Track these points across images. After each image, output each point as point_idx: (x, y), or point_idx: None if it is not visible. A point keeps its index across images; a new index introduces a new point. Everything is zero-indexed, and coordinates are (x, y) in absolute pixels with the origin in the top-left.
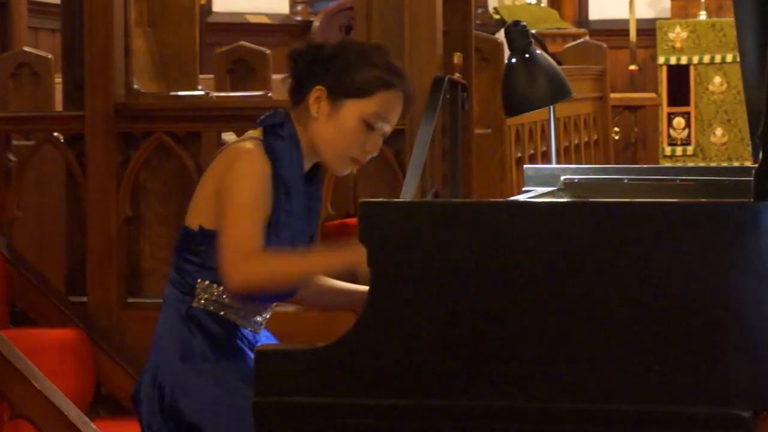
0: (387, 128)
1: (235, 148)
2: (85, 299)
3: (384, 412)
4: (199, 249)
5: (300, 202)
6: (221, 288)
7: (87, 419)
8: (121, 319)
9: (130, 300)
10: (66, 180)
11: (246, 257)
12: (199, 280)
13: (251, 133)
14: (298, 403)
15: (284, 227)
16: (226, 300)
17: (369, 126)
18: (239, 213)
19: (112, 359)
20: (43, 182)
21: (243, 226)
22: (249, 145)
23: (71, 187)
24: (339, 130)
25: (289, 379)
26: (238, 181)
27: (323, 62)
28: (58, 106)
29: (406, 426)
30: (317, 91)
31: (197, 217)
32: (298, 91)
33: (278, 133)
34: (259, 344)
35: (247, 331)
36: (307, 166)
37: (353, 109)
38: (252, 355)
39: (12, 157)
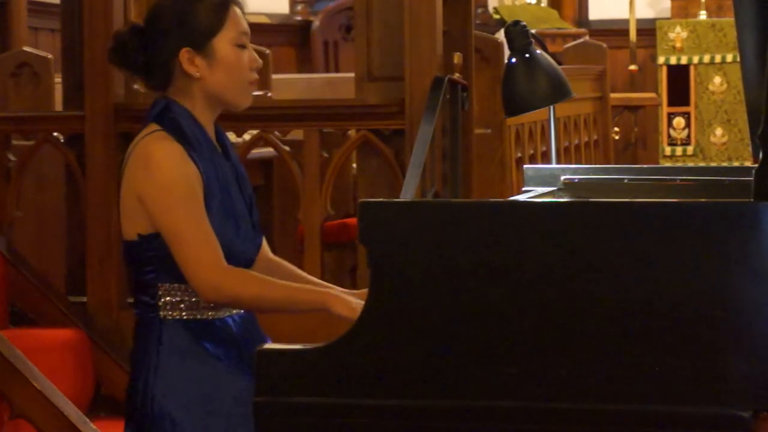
0: (248, 38)
1: (139, 148)
2: (85, 299)
3: (384, 412)
4: (147, 256)
5: (225, 173)
6: (183, 285)
7: (87, 419)
8: (121, 319)
9: (130, 300)
10: (66, 180)
11: (214, 270)
12: (159, 284)
13: (145, 131)
14: (298, 403)
15: (218, 199)
16: (194, 298)
17: (241, 46)
18: (183, 225)
19: (112, 359)
20: (43, 182)
21: (193, 237)
22: (151, 137)
23: (71, 187)
24: (226, 68)
25: (289, 379)
26: (165, 191)
27: (158, 34)
28: (58, 106)
29: (406, 426)
30: (185, 54)
31: (132, 227)
32: (159, 73)
33: (169, 117)
34: (240, 327)
35: (227, 319)
36: (209, 129)
37: (222, 43)
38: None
39: (12, 157)
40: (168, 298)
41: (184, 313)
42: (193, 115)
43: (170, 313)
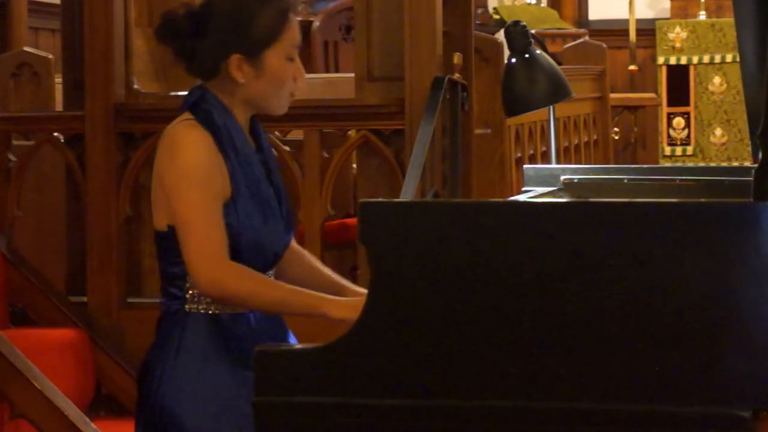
0: (297, 50)
1: (169, 135)
2: (85, 299)
3: (384, 412)
4: (177, 247)
5: (254, 164)
6: None
7: (87, 419)
8: (121, 319)
9: (130, 300)
10: (66, 180)
11: (214, 263)
12: (187, 277)
13: (178, 119)
14: (298, 403)
15: (246, 194)
16: None
17: (291, 60)
18: (194, 213)
19: (112, 359)
20: (43, 182)
21: (201, 227)
22: (181, 125)
23: (71, 187)
24: (272, 80)
25: (289, 379)
26: (184, 177)
27: (213, 30)
28: (58, 106)
29: (406, 426)
30: (235, 60)
31: (162, 217)
32: (203, 65)
33: (203, 107)
34: (263, 324)
35: (250, 315)
36: (243, 123)
37: (274, 56)
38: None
39: (12, 157)
40: (195, 291)
41: (208, 307)
42: (227, 107)
43: (195, 306)
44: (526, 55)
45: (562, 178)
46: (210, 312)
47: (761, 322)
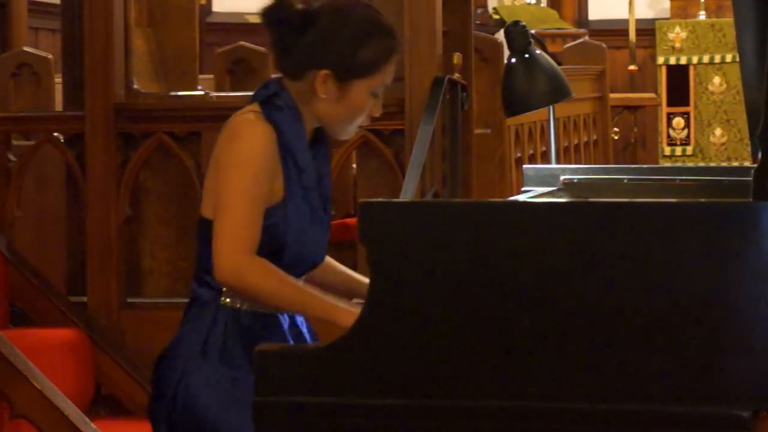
0: (384, 88)
1: (233, 123)
2: (85, 299)
3: (384, 412)
4: None
5: (309, 172)
6: None
7: (87, 419)
8: (121, 319)
9: (130, 300)
10: (66, 180)
11: (241, 252)
12: None
13: (246, 108)
14: (298, 403)
15: (298, 199)
16: None
17: (375, 95)
18: (237, 199)
19: (112, 359)
20: (43, 182)
21: (240, 215)
22: (249, 116)
23: (71, 187)
24: (349, 108)
25: (289, 379)
26: (238, 163)
27: (318, 38)
28: (58, 106)
29: (406, 426)
30: (323, 76)
31: (212, 204)
32: (295, 66)
33: (275, 103)
34: (302, 325)
35: (280, 315)
36: (309, 131)
37: (363, 87)
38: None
39: (12, 157)
40: None
41: (243, 304)
42: (300, 112)
43: (229, 300)
44: (526, 55)
45: (562, 178)
46: (243, 308)
47: (761, 322)
